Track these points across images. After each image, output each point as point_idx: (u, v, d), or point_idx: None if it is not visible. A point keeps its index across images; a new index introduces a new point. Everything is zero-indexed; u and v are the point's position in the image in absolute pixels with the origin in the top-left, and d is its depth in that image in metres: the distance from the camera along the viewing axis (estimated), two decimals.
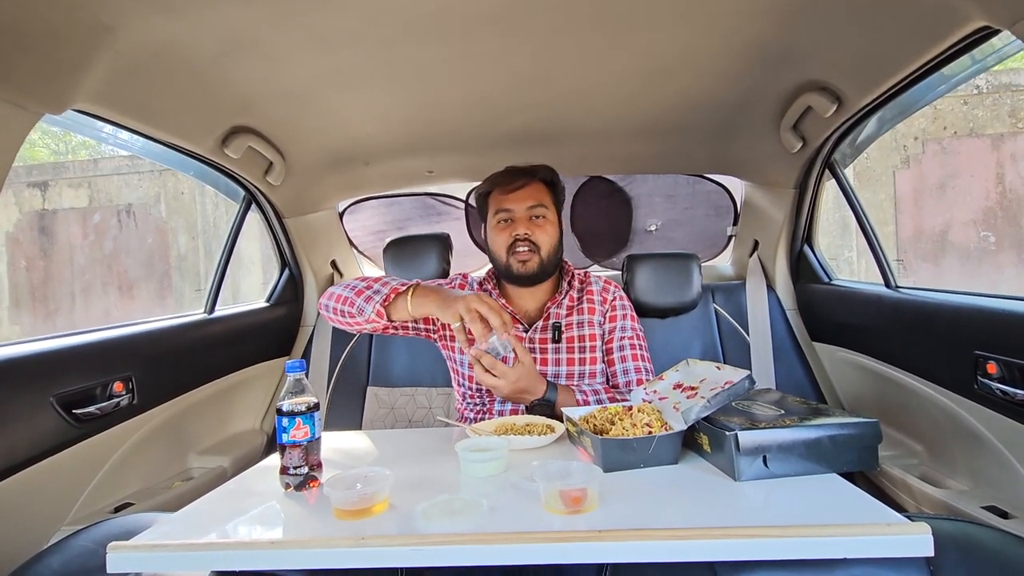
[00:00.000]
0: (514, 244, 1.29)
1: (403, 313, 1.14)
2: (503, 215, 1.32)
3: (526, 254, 1.29)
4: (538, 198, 1.31)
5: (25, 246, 6.48)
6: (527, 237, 1.29)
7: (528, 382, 1.15)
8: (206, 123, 1.29)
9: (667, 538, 0.65)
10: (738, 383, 0.91)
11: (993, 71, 5.04)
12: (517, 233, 1.29)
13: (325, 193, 1.87)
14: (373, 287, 1.17)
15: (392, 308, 1.15)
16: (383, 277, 1.22)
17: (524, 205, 1.30)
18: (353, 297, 1.16)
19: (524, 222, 1.30)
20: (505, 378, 1.12)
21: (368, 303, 1.14)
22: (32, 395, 1.07)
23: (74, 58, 0.92)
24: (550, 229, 1.31)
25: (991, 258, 5.11)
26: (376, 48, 1.09)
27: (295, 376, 0.87)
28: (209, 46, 1.04)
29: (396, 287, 1.15)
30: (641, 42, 1.09)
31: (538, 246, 1.29)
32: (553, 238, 1.32)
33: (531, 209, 1.30)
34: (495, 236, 1.33)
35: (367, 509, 0.74)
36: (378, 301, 1.13)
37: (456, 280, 1.43)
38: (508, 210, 1.31)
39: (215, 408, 1.60)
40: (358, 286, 1.18)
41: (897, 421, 1.36)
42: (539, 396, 1.17)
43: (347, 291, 1.18)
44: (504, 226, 1.31)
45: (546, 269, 1.32)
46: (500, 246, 1.31)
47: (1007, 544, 0.75)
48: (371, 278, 1.21)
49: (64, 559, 0.81)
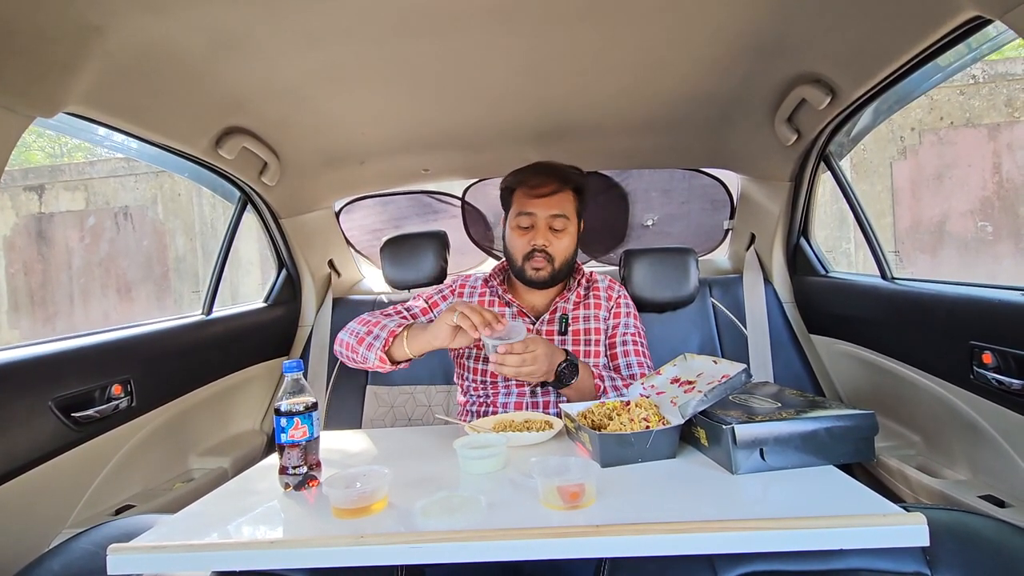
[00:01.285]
0: (532, 252, 1.30)
1: (403, 352, 1.18)
2: (525, 219, 1.31)
3: (541, 263, 1.30)
4: (563, 208, 1.30)
5: (23, 250, 6.46)
6: (544, 248, 1.29)
7: (549, 347, 1.13)
8: (199, 124, 1.28)
9: (665, 532, 0.65)
10: (735, 377, 0.92)
11: (989, 60, 5.03)
12: (536, 243, 1.29)
13: (321, 193, 1.86)
14: (373, 332, 1.21)
15: (393, 351, 1.19)
16: (383, 321, 1.24)
17: (548, 213, 1.29)
18: (355, 344, 1.23)
19: (544, 232, 1.29)
20: (537, 348, 1.08)
21: (370, 351, 1.19)
22: (31, 399, 1.08)
23: (64, 60, 0.91)
24: (567, 241, 1.31)
25: (989, 248, 5.12)
26: (368, 45, 1.09)
27: (293, 376, 0.87)
28: (200, 45, 1.04)
29: (393, 329, 1.19)
30: (635, 34, 1.09)
31: (554, 257, 1.30)
32: (570, 249, 1.32)
33: (553, 218, 1.29)
34: (514, 238, 1.33)
35: (366, 508, 0.75)
36: (379, 347, 1.18)
37: (456, 285, 1.43)
38: (531, 214, 1.30)
39: (214, 409, 1.60)
40: (360, 332, 1.23)
41: (894, 412, 1.36)
42: (562, 360, 1.15)
43: (351, 338, 1.24)
44: (524, 232, 1.31)
45: (557, 276, 1.33)
46: (518, 250, 1.32)
47: (1004, 533, 0.76)
48: (372, 321, 1.25)
49: (65, 562, 0.82)
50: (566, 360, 1.15)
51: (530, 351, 1.07)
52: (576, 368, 1.16)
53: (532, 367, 1.08)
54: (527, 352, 1.07)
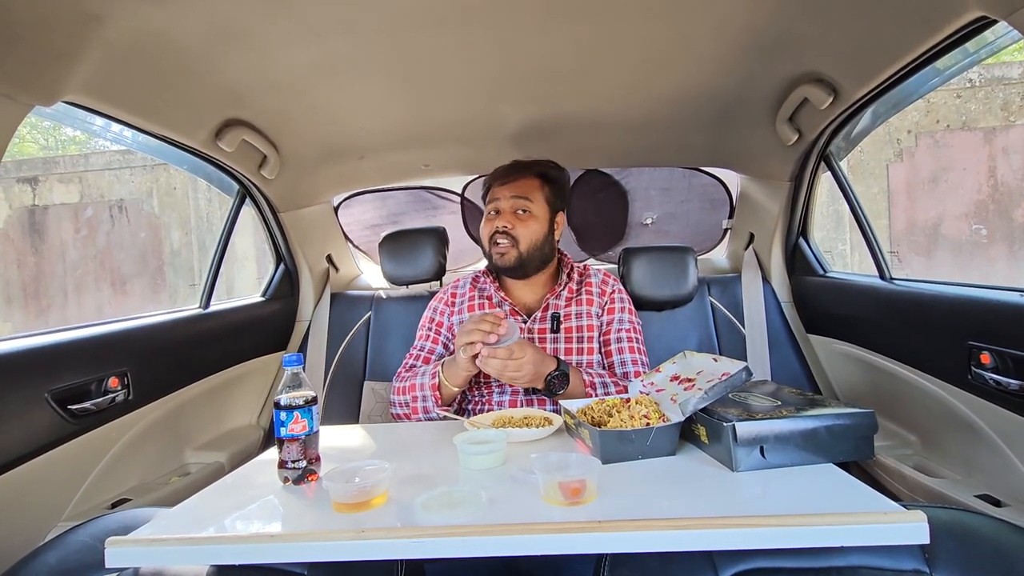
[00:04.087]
0: (494, 236, 1.31)
1: (451, 392, 1.19)
2: (492, 206, 1.34)
3: (504, 247, 1.30)
4: (525, 191, 1.31)
5: (16, 242, 6.41)
6: (506, 231, 1.29)
7: (539, 355, 1.13)
8: (199, 115, 1.27)
9: (666, 528, 0.65)
10: (735, 375, 0.92)
11: (986, 64, 5.06)
12: (498, 226, 1.30)
13: (320, 187, 1.85)
14: (418, 396, 1.20)
15: (443, 398, 1.19)
16: (416, 380, 1.22)
17: (509, 196, 1.31)
18: (411, 414, 1.22)
19: (507, 215, 1.31)
20: (524, 354, 1.08)
21: (429, 413, 1.20)
22: (27, 391, 1.07)
23: (63, 48, 0.90)
24: (532, 224, 1.31)
25: (983, 251, 5.15)
26: (370, 38, 1.08)
27: (292, 370, 0.87)
28: (199, 36, 1.03)
29: (433, 384, 1.19)
30: (637, 31, 1.09)
31: (517, 240, 1.29)
32: (535, 233, 1.31)
33: (515, 201, 1.31)
34: (483, 227, 1.36)
35: (366, 502, 0.74)
36: (434, 407, 1.19)
37: (447, 295, 1.42)
38: (496, 200, 1.33)
39: (211, 403, 1.59)
40: (408, 403, 1.22)
41: (892, 412, 1.37)
42: (552, 368, 1.14)
43: (406, 409, 1.24)
44: (491, 217, 1.34)
45: (526, 263, 1.32)
46: (485, 236, 1.35)
47: (1001, 531, 0.76)
48: (408, 386, 1.23)
49: (61, 555, 0.81)
50: (557, 370, 1.14)
51: (515, 358, 1.07)
52: (567, 378, 1.15)
53: (514, 373, 1.09)
54: (511, 359, 1.07)
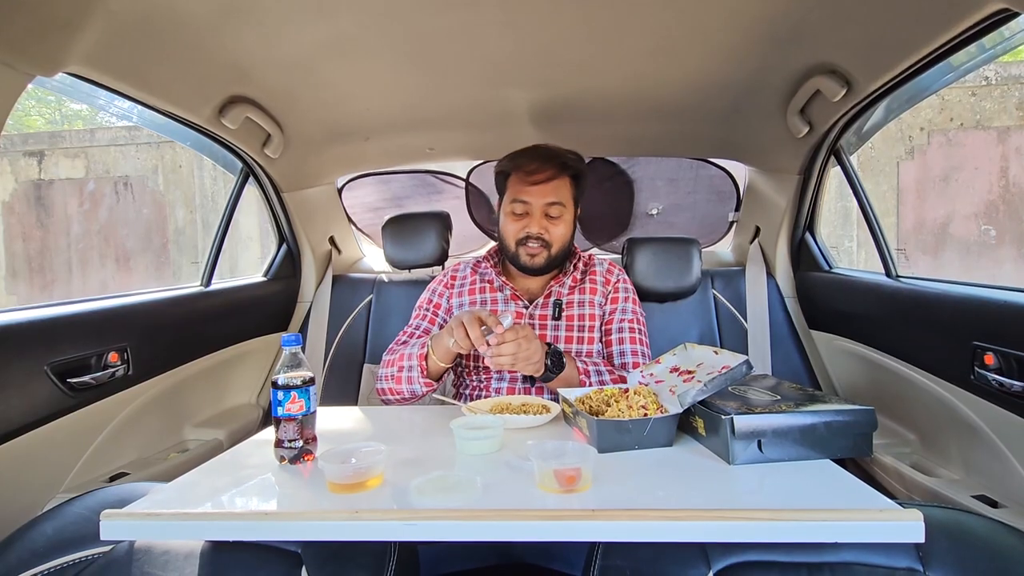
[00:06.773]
0: (526, 239, 1.27)
1: (437, 367, 1.16)
2: (519, 206, 1.28)
3: (535, 249, 1.28)
4: (559, 195, 1.27)
5: (21, 216, 6.42)
6: (540, 236, 1.27)
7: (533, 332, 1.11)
8: (203, 91, 1.26)
9: (660, 518, 0.65)
10: (735, 368, 0.91)
11: (1002, 62, 4.97)
12: (530, 230, 1.26)
13: (324, 168, 1.84)
14: (404, 366, 1.18)
15: (430, 371, 1.16)
16: (405, 350, 1.20)
17: (543, 201, 1.26)
18: (396, 387, 1.19)
19: (539, 219, 1.27)
20: (525, 331, 1.06)
21: (413, 384, 1.17)
22: (27, 363, 1.07)
23: (65, 17, 0.89)
24: (563, 228, 1.29)
25: (991, 252, 5.11)
26: (377, 17, 1.06)
27: (291, 350, 0.87)
28: (205, 9, 1.01)
29: (421, 353, 1.16)
30: (647, 18, 1.07)
31: (550, 243, 1.28)
32: (566, 235, 1.30)
33: (549, 206, 1.27)
34: (507, 224, 1.30)
35: (361, 484, 0.74)
36: (418, 376, 1.16)
37: (447, 278, 1.40)
38: (525, 202, 1.27)
39: (211, 381, 1.60)
40: (393, 372, 1.20)
41: (891, 410, 1.36)
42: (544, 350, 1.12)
43: (390, 382, 1.20)
44: (518, 218, 1.29)
45: (553, 262, 1.31)
46: (511, 236, 1.30)
47: (996, 532, 0.76)
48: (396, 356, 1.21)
49: (58, 526, 0.82)
50: (550, 347, 1.13)
51: (523, 335, 1.05)
52: (560, 356, 1.14)
53: (528, 350, 1.05)
54: (520, 337, 1.04)
